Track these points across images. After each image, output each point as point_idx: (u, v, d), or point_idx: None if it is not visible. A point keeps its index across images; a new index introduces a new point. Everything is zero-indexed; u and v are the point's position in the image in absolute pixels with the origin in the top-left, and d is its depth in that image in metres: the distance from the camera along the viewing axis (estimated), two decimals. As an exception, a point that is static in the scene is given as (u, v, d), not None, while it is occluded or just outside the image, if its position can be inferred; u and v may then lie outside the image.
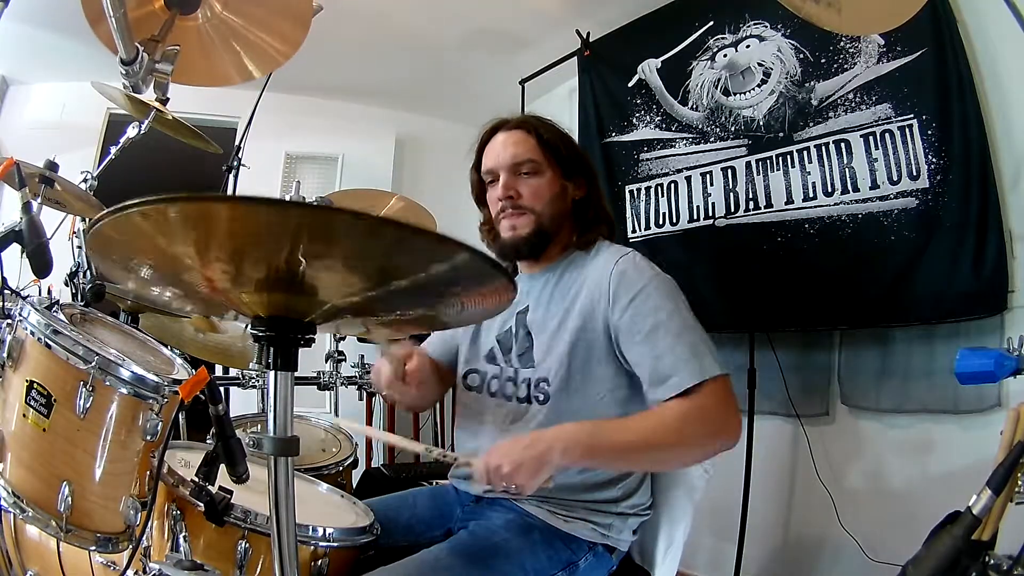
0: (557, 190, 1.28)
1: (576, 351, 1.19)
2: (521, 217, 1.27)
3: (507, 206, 1.27)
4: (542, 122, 1.32)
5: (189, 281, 0.69)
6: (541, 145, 1.28)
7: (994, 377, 1.07)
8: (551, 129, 1.32)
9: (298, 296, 0.68)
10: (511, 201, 1.27)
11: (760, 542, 2.26)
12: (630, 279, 1.16)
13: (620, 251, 1.23)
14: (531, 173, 1.27)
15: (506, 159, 1.28)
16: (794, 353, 2.26)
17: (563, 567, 1.14)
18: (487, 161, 1.32)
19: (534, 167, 1.27)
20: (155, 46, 1.20)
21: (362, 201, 2.53)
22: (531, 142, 1.28)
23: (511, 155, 1.27)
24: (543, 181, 1.27)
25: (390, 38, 3.19)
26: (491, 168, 1.30)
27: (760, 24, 2.35)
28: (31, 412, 0.98)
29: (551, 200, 1.27)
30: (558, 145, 1.29)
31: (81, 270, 1.67)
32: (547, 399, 1.21)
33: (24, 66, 3.43)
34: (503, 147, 1.29)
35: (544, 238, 1.28)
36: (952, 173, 1.83)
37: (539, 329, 1.26)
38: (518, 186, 1.27)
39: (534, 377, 1.24)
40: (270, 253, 0.61)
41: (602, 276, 1.19)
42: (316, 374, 2.41)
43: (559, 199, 1.28)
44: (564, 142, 1.31)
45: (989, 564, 0.92)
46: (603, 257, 1.24)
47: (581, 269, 1.26)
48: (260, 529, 0.99)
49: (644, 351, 1.12)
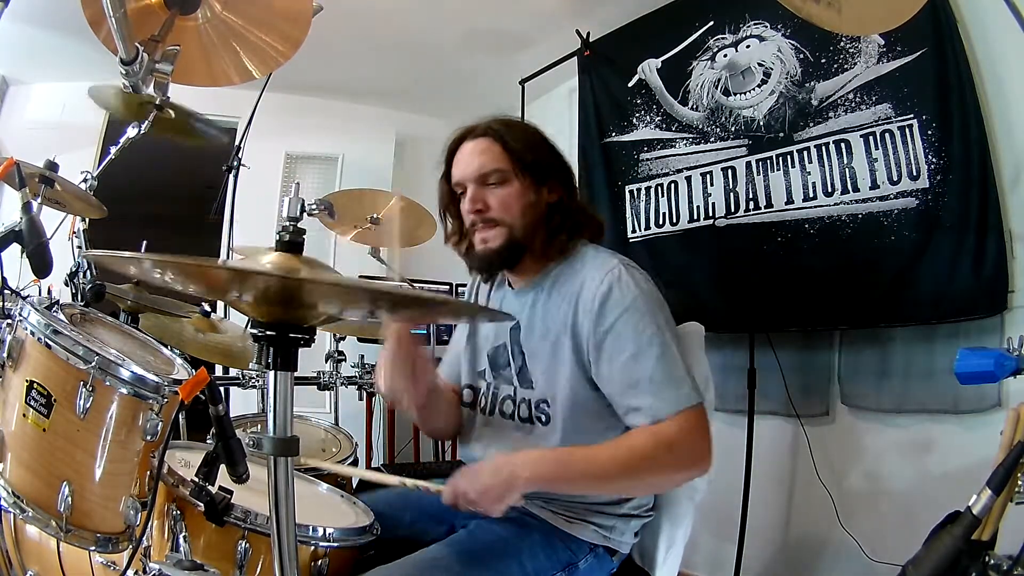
0: (528, 198, 1.23)
1: (576, 375, 1.17)
2: (492, 229, 1.22)
3: (477, 220, 1.23)
4: (509, 127, 1.26)
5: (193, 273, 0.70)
6: (507, 152, 1.22)
7: (994, 377, 1.07)
8: (519, 133, 1.26)
9: (297, 310, 0.69)
10: (480, 215, 1.22)
11: (760, 542, 2.26)
12: (614, 299, 1.13)
13: (606, 264, 1.18)
14: (499, 183, 1.22)
15: (472, 170, 1.23)
16: (794, 353, 2.26)
17: (562, 568, 1.14)
18: (455, 172, 1.27)
19: (501, 176, 1.21)
20: (155, 46, 1.20)
21: (362, 201, 2.53)
22: (496, 150, 1.22)
23: (477, 165, 1.22)
24: (511, 190, 1.22)
25: (390, 38, 3.19)
26: (458, 180, 1.26)
27: (760, 24, 2.35)
28: (31, 412, 0.98)
29: (522, 210, 1.22)
30: (525, 150, 1.23)
31: (81, 270, 1.67)
32: (549, 420, 1.20)
33: (24, 66, 3.43)
34: (469, 157, 1.24)
35: (517, 249, 1.23)
36: (952, 173, 1.83)
37: (533, 350, 1.23)
38: (486, 198, 1.22)
39: (534, 399, 1.22)
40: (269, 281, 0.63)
41: (589, 295, 1.15)
42: (316, 374, 2.42)
43: (531, 207, 1.23)
44: (533, 146, 1.25)
45: (989, 564, 0.92)
46: (589, 271, 1.19)
47: (569, 282, 1.21)
48: (260, 529, 0.99)
49: (620, 377, 1.11)
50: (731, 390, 2.28)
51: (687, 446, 1.07)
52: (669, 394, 1.07)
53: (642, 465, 1.07)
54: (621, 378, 1.11)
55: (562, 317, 1.19)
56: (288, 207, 0.80)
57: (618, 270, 1.16)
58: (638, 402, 1.09)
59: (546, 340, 1.21)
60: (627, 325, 1.11)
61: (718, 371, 2.18)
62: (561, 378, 1.18)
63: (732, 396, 2.27)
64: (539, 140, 1.29)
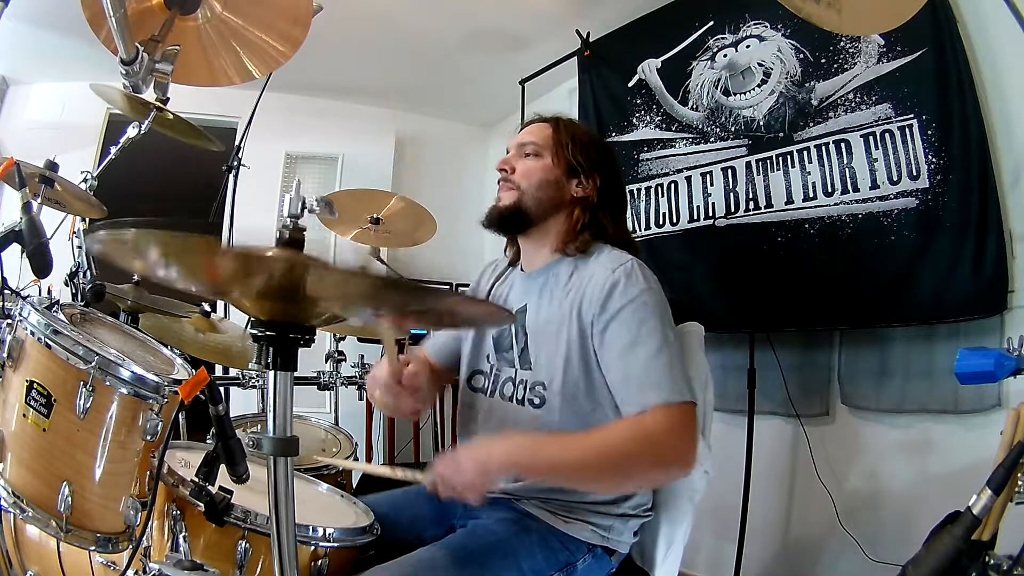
0: (551, 177, 1.29)
1: (576, 358, 1.18)
2: (508, 191, 1.30)
3: (500, 178, 1.33)
4: (572, 124, 1.36)
5: (196, 271, 0.70)
6: (554, 135, 1.32)
7: (994, 377, 1.07)
8: (575, 129, 1.35)
9: (299, 306, 0.69)
10: (503, 174, 1.32)
11: (760, 542, 2.26)
12: (621, 289, 1.15)
13: (620, 259, 1.21)
14: (532, 155, 1.31)
15: (518, 140, 1.35)
16: (794, 353, 2.26)
17: (560, 568, 1.14)
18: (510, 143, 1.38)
19: (536, 149, 1.31)
20: (155, 46, 1.20)
21: (362, 201, 2.53)
22: (546, 132, 1.33)
23: (522, 138, 1.34)
24: (539, 163, 1.30)
25: (390, 38, 3.19)
26: (508, 148, 1.37)
27: (760, 24, 2.35)
28: (31, 412, 0.98)
29: (540, 183, 1.29)
30: (571, 142, 1.31)
31: (81, 270, 1.67)
32: (543, 403, 1.20)
33: (24, 66, 3.43)
34: (523, 132, 1.36)
35: (520, 216, 1.29)
36: (952, 173, 1.83)
37: (536, 331, 1.25)
38: (515, 163, 1.32)
39: (530, 380, 1.23)
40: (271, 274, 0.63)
41: (598, 283, 1.17)
42: (316, 374, 2.42)
43: (550, 185, 1.29)
44: (583, 142, 1.33)
45: (989, 564, 0.92)
46: (602, 262, 1.22)
47: (579, 272, 1.24)
48: (260, 529, 0.99)
49: (618, 365, 1.12)
50: (731, 390, 2.28)
51: (669, 442, 1.06)
52: (659, 387, 1.07)
53: (618, 455, 1.05)
54: (617, 366, 1.12)
55: (569, 303, 1.21)
56: (289, 205, 0.80)
57: (631, 263, 1.19)
58: (629, 392, 1.10)
59: (551, 323, 1.23)
60: (631, 315, 1.13)
61: (718, 371, 2.19)
62: (559, 361, 1.19)
63: (732, 396, 2.27)
64: (594, 145, 1.36)
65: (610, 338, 1.14)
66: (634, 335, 1.11)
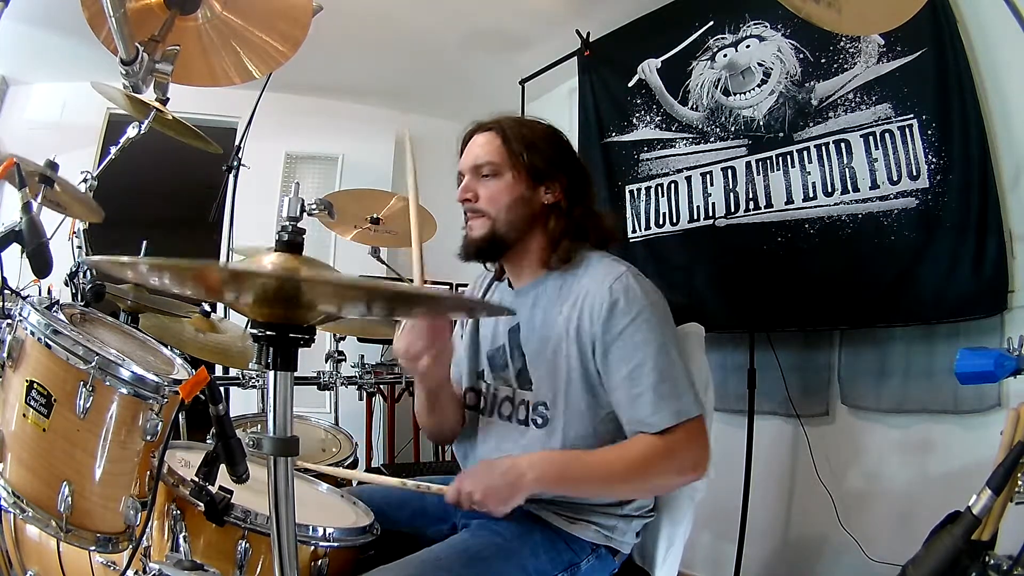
0: (519, 194, 1.23)
1: (577, 378, 1.17)
2: (477, 219, 1.25)
3: (465, 208, 1.27)
4: (518, 124, 1.28)
5: (191, 284, 0.70)
6: (505, 146, 1.24)
7: (994, 377, 1.07)
8: (524, 130, 1.27)
9: (296, 310, 0.69)
10: (468, 204, 1.26)
11: (760, 542, 2.26)
12: (622, 309, 1.13)
13: (613, 270, 1.18)
14: (490, 175, 1.24)
15: (469, 161, 1.27)
16: (794, 353, 2.26)
17: (564, 568, 1.14)
18: (460, 162, 1.31)
19: (493, 169, 1.24)
20: (155, 46, 1.20)
21: (362, 201, 2.53)
22: (495, 144, 1.25)
23: (473, 156, 1.26)
24: (501, 184, 1.23)
25: (390, 38, 3.19)
26: (460, 170, 1.30)
27: (760, 24, 2.35)
28: (31, 412, 0.98)
29: (509, 204, 1.23)
30: (526, 147, 1.24)
31: (81, 270, 1.67)
32: (546, 423, 1.20)
33: (24, 66, 3.43)
34: (471, 148, 1.28)
35: (497, 244, 1.24)
36: (952, 173, 1.83)
37: (533, 352, 1.23)
38: (477, 188, 1.25)
39: (533, 400, 1.22)
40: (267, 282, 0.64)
41: (596, 301, 1.15)
42: (316, 374, 2.42)
43: (520, 203, 1.23)
44: (536, 145, 1.25)
45: (989, 564, 0.92)
46: (594, 276, 1.19)
47: (569, 286, 1.21)
48: (260, 529, 0.98)
49: (626, 386, 1.12)
50: (731, 390, 2.28)
51: (686, 454, 1.11)
52: (670, 406, 1.10)
53: (643, 471, 1.11)
54: (625, 387, 1.12)
55: (564, 321, 1.19)
56: (288, 207, 0.80)
57: (626, 278, 1.16)
58: (641, 413, 1.11)
59: (547, 343, 1.21)
60: (634, 335, 1.12)
61: (718, 371, 2.19)
62: (561, 382, 1.18)
63: (732, 396, 2.27)
64: (547, 141, 1.29)
65: (614, 361, 1.13)
66: (640, 357, 1.11)
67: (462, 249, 1.30)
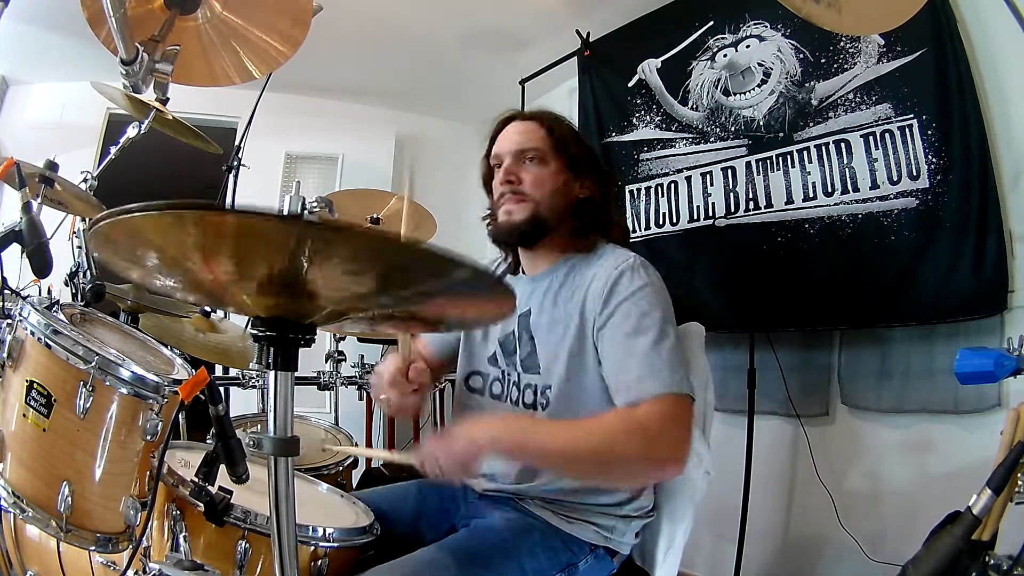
0: (560, 183, 1.26)
1: (582, 361, 1.17)
2: (519, 203, 1.25)
3: (507, 191, 1.26)
4: (556, 117, 1.32)
5: (194, 270, 0.69)
6: (550, 137, 1.27)
7: (994, 377, 1.07)
8: (564, 125, 1.31)
9: (298, 300, 0.68)
10: (511, 186, 1.26)
11: (760, 542, 2.26)
12: (623, 284, 1.15)
13: (623, 256, 1.21)
14: (535, 160, 1.26)
15: (512, 145, 1.28)
16: (794, 353, 2.26)
17: (562, 568, 1.14)
18: (495, 147, 1.31)
19: (539, 155, 1.26)
20: (155, 46, 1.20)
21: (362, 201, 2.53)
22: (540, 133, 1.28)
23: (517, 142, 1.27)
24: (546, 171, 1.26)
25: (390, 38, 3.19)
26: (497, 153, 1.30)
27: (760, 24, 2.35)
28: (31, 412, 0.98)
29: (552, 191, 1.25)
30: (568, 140, 1.28)
31: (81, 270, 1.67)
32: (552, 406, 1.20)
33: (24, 66, 3.43)
34: (512, 134, 1.29)
35: (539, 228, 1.26)
36: (952, 173, 1.83)
37: (543, 335, 1.24)
38: (520, 172, 1.26)
39: (540, 384, 1.22)
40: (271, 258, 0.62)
41: (600, 282, 1.17)
42: (316, 374, 2.42)
43: (561, 192, 1.26)
44: (576, 139, 1.31)
45: (989, 564, 0.92)
46: (606, 261, 1.21)
47: (584, 274, 1.23)
48: (260, 529, 0.99)
49: (614, 355, 1.12)
50: (731, 390, 2.28)
51: (662, 434, 1.02)
52: (655, 377, 1.06)
53: (608, 444, 1.01)
54: (614, 356, 1.12)
55: (573, 304, 1.20)
56: (289, 205, 0.80)
57: (633, 260, 1.19)
58: (624, 381, 1.09)
59: (556, 325, 1.22)
60: (631, 307, 1.13)
61: (718, 371, 2.19)
62: (567, 365, 1.18)
63: (732, 396, 2.27)
64: (582, 138, 1.35)
65: (610, 330, 1.13)
66: (634, 326, 1.11)
67: (497, 233, 1.31)
